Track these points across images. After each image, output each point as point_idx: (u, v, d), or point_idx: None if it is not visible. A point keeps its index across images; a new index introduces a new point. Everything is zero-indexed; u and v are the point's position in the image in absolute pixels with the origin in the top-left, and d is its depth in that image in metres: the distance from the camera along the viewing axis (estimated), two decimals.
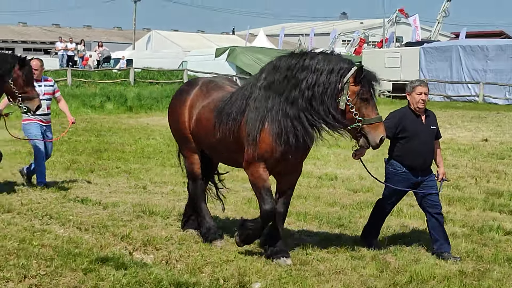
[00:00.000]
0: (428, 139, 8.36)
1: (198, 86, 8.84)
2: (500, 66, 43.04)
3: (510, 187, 13.17)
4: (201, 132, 8.56)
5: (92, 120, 26.72)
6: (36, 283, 7.16)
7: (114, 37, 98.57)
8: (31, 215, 10.24)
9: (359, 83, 7.40)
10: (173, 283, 7.15)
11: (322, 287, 7.23)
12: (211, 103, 8.40)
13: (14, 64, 10.92)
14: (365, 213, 10.80)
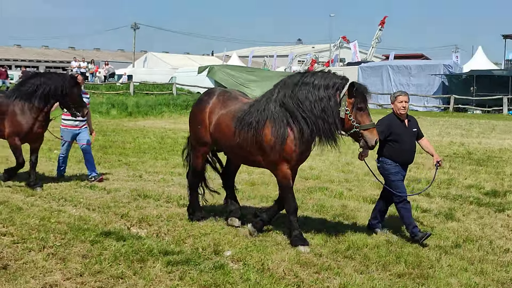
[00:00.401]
0: (412, 139, 8.22)
1: (216, 96, 8.48)
2: (420, 81, 43.56)
3: (426, 175, 13.27)
4: (220, 136, 8.21)
5: (99, 123, 26.51)
6: (53, 252, 7.13)
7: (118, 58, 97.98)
8: (50, 198, 10.19)
9: (353, 95, 7.26)
10: (162, 252, 7.14)
11: (280, 253, 7.23)
12: (230, 112, 8.09)
13: (70, 83, 10.86)
14: (313, 196, 10.84)
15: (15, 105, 10.82)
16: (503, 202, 10.52)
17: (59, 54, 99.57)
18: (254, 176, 12.73)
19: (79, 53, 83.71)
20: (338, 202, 10.33)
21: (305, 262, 6.92)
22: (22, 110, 10.82)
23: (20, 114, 10.83)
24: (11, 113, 10.86)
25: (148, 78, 51.56)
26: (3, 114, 10.90)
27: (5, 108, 10.90)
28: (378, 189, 11.47)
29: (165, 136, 21.30)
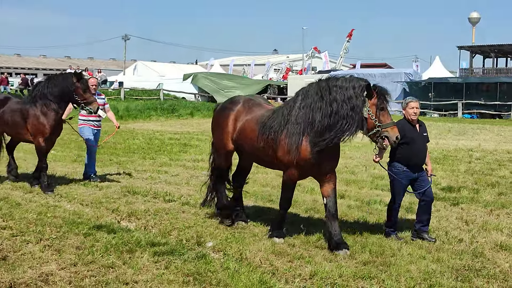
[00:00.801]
0: (422, 143, 7.84)
1: (241, 103, 8.10)
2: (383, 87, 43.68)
3: None
4: (245, 140, 7.84)
5: None
6: (49, 244, 7.06)
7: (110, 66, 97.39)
8: (46, 195, 10.08)
9: (375, 96, 6.99)
10: (149, 243, 7.10)
11: (257, 244, 7.22)
12: (255, 118, 7.76)
13: (73, 79, 10.37)
14: None
15: (35, 108, 10.47)
16: (458, 196, 10.60)
17: (56, 62, 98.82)
18: None
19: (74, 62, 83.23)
20: (310, 197, 10.34)
21: (279, 252, 6.92)
22: (42, 112, 10.43)
23: (41, 117, 10.44)
24: (33, 116, 10.49)
25: (137, 85, 51.32)
26: (25, 118, 10.59)
27: (26, 113, 10.58)
28: (346, 185, 11.53)
29: (152, 137, 21.20)
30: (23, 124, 10.63)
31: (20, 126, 10.69)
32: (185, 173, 12.90)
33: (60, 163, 13.90)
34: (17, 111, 10.73)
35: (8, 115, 10.84)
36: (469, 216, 9.08)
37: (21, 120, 10.63)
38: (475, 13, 67.36)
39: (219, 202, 8.49)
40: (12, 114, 10.79)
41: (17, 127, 10.78)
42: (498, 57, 59.43)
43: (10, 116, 10.82)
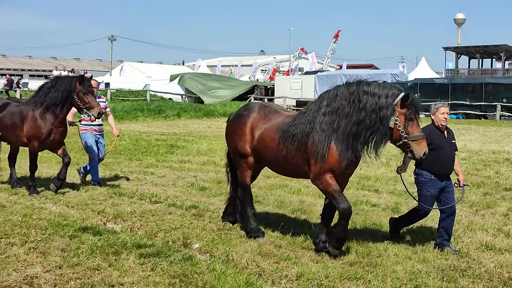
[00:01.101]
0: (450, 151, 7.38)
1: (256, 110, 7.72)
2: None
3: (376, 173, 13.37)
4: (264, 149, 7.45)
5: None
6: (34, 246, 7.00)
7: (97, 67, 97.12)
8: (32, 197, 10.02)
9: (405, 106, 6.57)
10: (135, 245, 7.06)
11: (243, 246, 7.20)
12: (274, 126, 7.38)
13: (75, 82, 9.98)
14: (274, 192, 10.85)
15: (35, 111, 10.18)
16: None
17: (42, 63, 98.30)
18: (220, 175, 12.68)
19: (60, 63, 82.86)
20: (296, 198, 10.34)
21: (266, 253, 6.91)
22: (41, 115, 10.11)
23: (39, 119, 10.13)
24: (31, 118, 10.21)
25: (124, 86, 51.14)
26: (24, 120, 10.31)
27: (25, 114, 10.31)
28: None
29: (139, 138, 21.13)
30: (21, 126, 10.35)
31: (18, 128, 10.39)
32: (172, 174, 12.86)
33: (46, 165, 13.81)
34: (17, 113, 10.48)
35: (8, 119, 10.58)
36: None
37: (20, 122, 10.36)
38: (461, 14, 67.93)
39: (249, 226, 7.80)
40: (12, 117, 10.53)
41: (16, 129, 10.45)
42: (484, 58, 59.94)
43: (9, 119, 10.56)
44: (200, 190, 10.98)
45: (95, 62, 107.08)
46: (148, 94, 44.31)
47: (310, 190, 11.04)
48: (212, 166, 14.24)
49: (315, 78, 47.46)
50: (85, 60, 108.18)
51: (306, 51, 67.74)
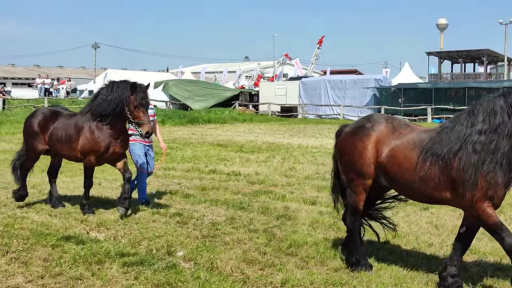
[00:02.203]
0: None
1: (383, 123, 6.63)
2: (354, 93, 44.20)
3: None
4: (395, 169, 6.34)
5: None
6: (16, 256, 6.91)
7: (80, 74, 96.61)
8: (14, 206, 9.90)
9: None
10: (119, 254, 7.00)
11: (228, 253, 7.17)
12: (408, 142, 6.32)
13: (128, 92, 8.85)
14: (259, 199, 10.81)
15: (90, 122, 9.14)
16: None
17: (25, 71, 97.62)
18: (204, 182, 12.64)
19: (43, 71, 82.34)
20: (281, 204, 10.31)
21: (250, 260, 6.88)
22: (97, 126, 9.07)
23: (96, 131, 9.08)
24: (87, 131, 9.14)
25: None
26: (79, 132, 9.23)
27: (80, 126, 9.23)
28: (317, 191, 11.53)
29: None
30: (76, 139, 9.25)
31: (74, 141, 9.27)
32: (156, 182, 12.78)
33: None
34: (72, 124, 9.37)
35: (62, 131, 9.44)
36: (439, 221, 9.15)
37: (75, 134, 9.26)
38: (443, 19, 68.48)
39: (357, 258, 6.74)
40: (66, 128, 9.40)
41: (71, 143, 9.31)
42: (466, 63, 60.45)
43: (63, 131, 9.41)
44: (184, 197, 10.92)
45: (78, 70, 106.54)
46: None
47: (295, 196, 11.04)
48: (196, 173, 14.18)
49: (300, 84, 47.57)
50: (69, 67, 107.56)
51: (290, 57, 67.87)
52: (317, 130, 30.40)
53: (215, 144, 21.75)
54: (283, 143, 22.82)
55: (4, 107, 38.74)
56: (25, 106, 40.48)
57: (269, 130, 30.45)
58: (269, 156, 17.79)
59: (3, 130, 26.45)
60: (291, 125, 35.58)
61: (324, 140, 24.50)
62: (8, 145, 20.74)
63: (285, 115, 45.17)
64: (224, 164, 15.77)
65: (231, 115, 40.09)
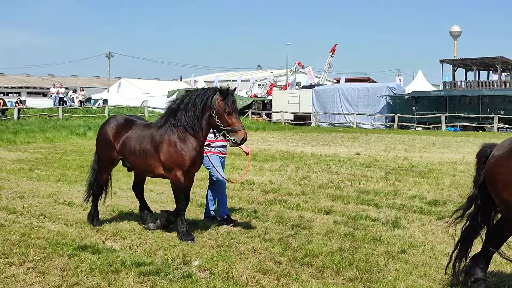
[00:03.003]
0: None
1: None
2: (367, 102, 44.14)
3: (375, 187, 13.34)
4: None
5: (77, 144, 26.19)
6: (33, 266, 6.93)
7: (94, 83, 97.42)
8: (30, 215, 9.94)
9: None
10: (134, 263, 7.01)
11: (243, 262, 7.16)
12: None
13: (216, 97, 8.07)
14: (274, 208, 10.78)
15: (171, 133, 8.28)
16: (443, 210, 10.62)
17: (39, 81, 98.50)
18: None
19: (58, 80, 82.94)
20: (296, 213, 10.30)
21: (266, 270, 6.87)
22: (180, 138, 8.21)
23: (179, 143, 8.21)
24: (168, 144, 8.25)
25: (122, 102, 51.32)
26: (158, 145, 8.35)
27: (158, 138, 8.36)
28: (331, 201, 11.51)
29: None
30: (154, 154, 8.39)
31: (151, 157, 8.42)
32: (170, 191, 12.68)
33: (44, 183, 13.76)
34: (147, 137, 8.49)
35: (135, 143, 8.60)
36: (455, 231, 9.08)
37: (153, 148, 8.40)
38: (456, 26, 68.24)
39: None
40: (141, 141, 8.53)
41: (147, 158, 8.47)
42: (480, 70, 60.17)
43: (137, 143, 8.56)
44: (198, 206, 10.94)
45: (92, 79, 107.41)
46: (146, 110, 44.39)
47: (309, 205, 11.02)
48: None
49: (313, 92, 47.62)
50: (83, 77, 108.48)
51: (303, 65, 68.01)
52: (331, 139, 30.38)
53: (228, 153, 21.74)
54: (297, 151, 22.81)
55: (19, 117, 39.09)
56: (39, 116, 40.84)
57: (283, 139, 30.46)
58: (283, 165, 17.79)
59: (18, 140, 26.72)
60: (304, 133, 35.57)
61: (337, 148, 24.47)
62: (23, 154, 20.92)
63: (298, 123, 45.21)
64: (238, 173, 15.78)
65: (244, 124, 39.98)
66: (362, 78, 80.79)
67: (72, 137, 29.21)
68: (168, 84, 72.54)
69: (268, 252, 7.69)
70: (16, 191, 12.43)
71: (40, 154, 20.93)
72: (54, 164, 17.76)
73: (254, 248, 7.84)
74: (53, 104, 47.82)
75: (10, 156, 20.31)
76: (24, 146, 24.90)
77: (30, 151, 22.40)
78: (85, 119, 38.73)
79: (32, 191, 12.39)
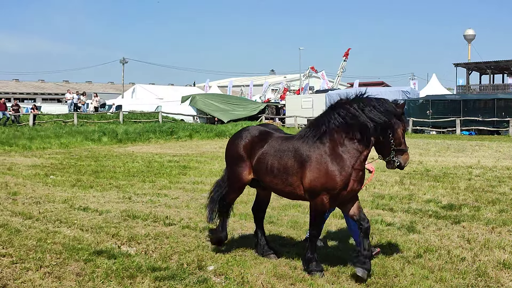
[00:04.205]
0: None
1: None
2: None
3: (390, 191, 13.29)
4: None
5: (92, 150, 26.34)
6: (49, 271, 6.98)
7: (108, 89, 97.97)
8: (46, 221, 10.01)
9: None
10: (150, 268, 7.03)
11: (258, 267, 7.16)
12: None
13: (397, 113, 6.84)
14: (288, 212, 10.78)
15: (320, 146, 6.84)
16: (459, 214, 10.56)
17: (54, 87, 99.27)
18: None
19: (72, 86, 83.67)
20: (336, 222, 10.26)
21: (281, 275, 6.86)
22: (333, 155, 6.75)
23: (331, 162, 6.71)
24: (317, 160, 6.78)
25: (136, 108, 51.50)
26: (303, 161, 6.87)
27: (304, 153, 6.89)
28: None
29: (152, 160, 21.16)
30: (298, 171, 6.92)
31: (293, 174, 6.98)
32: (185, 196, 12.85)
33: (59, 188, 13.84)
34: (289, 151, 7.06)
35: (273, 158, 7.14)
36: (470, 234, 9.03)
37: (297, 164, 6.93)
38: (470, 30, 67.98)
39: None
40: (281, 156, 7.09)
41: (288, 175, 7.01)
42: (495, 74, 59.87)
43: (277, 158, 7.11)
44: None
45: (107, 85, 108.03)
46: (160, 115, 44.52)
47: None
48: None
49: (326, 96, 47.50)
50: (97, 82, 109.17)
51: (317, 70, 68.03)
52: None
53: None
54: None
55: (35, 123, 39.40)
56: (54, 122, 41.12)
57: None
58: None
59: (34, 145, 26.95)
60: None
61: None
62: (39, 160, 21.07)
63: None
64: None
65: None
66: (375, 82, 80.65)
67: (87, 143, 29.40)
68: (182, 89, 72.70)
69: (283, 256, 7.68)
70: (32, 196, 12.52)
71: (56, 160, 21.08)
72: (69, 170, 17.87)
73: None
74: (68, 110, 48.15)
75: (26, 161, 20.47)
76: (40, 151, 25.10)
77: (45, 156, 22.56)
78: (99, 124, 38.92)
79: (48, 197, 12.48)
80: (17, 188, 13.51)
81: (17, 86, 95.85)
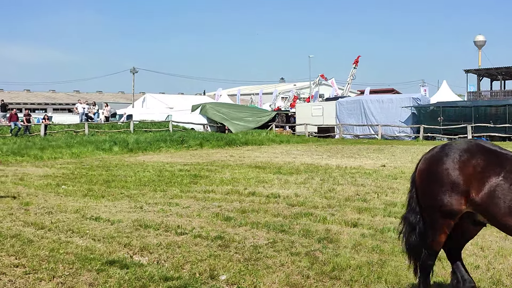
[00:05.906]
0: None
1: None
2: (391, 112, 43.86)
3: (402, 199, 13.21)
4: None
5: (103, 159, 26.43)
6: (62, 281, 7.00)
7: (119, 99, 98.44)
8: (58, 231, 10.03)
9: None
10: (162, 278, 7.03)
11: (270, 276, 7.14)
12: None
13: None
14: (300, 221, 10.74)
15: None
16: None
17: (65, 97, 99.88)
18: (244, 205, 12.65)
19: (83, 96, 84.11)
20: (322, 227, 10.24)
21: (294, 284, 6.84)
22: None
23: None
24: None
25: (146, 117, 51.60)
26: None
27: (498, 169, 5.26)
28: (358, 213, 11.43)
29: (163, 169, 21.19)
30: None
31: None
32: (196, 205, 12.85)
33: (71, 198, 13.89)
34: None
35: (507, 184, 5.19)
36: (484, 242, 8.96)
37: None
38: (481, 36, 67.74)
39: None
40: None
41: None
42: (506, 80, 59.60)
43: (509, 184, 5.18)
44: (225, 220, 10.93)
45: (117, 94, 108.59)
46: (170, 124, 44.63)
47: (336, 218, 10.95)
48: (236, 195, 14.21)
49: (336, 104, 47.55)
50: (108, 92, 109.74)
51: (326, 78, 67.96)
52: (355, 151, 30.22)
53: (253, 166, 21.80)
54: (321, 164, 22.73)
55: (46, 133, 39.61)
56: (66, 131, 41.32)
57: (307, 151, 30.39)
58: (308, 178, 17.73)
59: (45, 155, 27.08)
60: (328, 145, 35.46)
61: (362, 160, 24.33)
62: (50, 170, 21.17)
63: (322, 135, 45.15)
64: (263, 186, 15.78)
65: (268, 137, 40.23)
66: (386, 89, 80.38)
67: (98, 152, 29.51)
68: (192, 98, 72.87)
69: (295, 266, 7.66)
70: (44, 206, 12.57)
71: (67, 170, 21.16)
72: (81, 179, 17.94)
73: (281, 262, 7.82)
74: (79, 120, 48.41)
75: (38, 172, 20.57)
76: (51, 161, 25.22)
77: (57, 166, 22.66)
78: (110, 134, 39.07)
79: (60, 207, 12.52)
80: (29, 198, 13.57)
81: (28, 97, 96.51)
